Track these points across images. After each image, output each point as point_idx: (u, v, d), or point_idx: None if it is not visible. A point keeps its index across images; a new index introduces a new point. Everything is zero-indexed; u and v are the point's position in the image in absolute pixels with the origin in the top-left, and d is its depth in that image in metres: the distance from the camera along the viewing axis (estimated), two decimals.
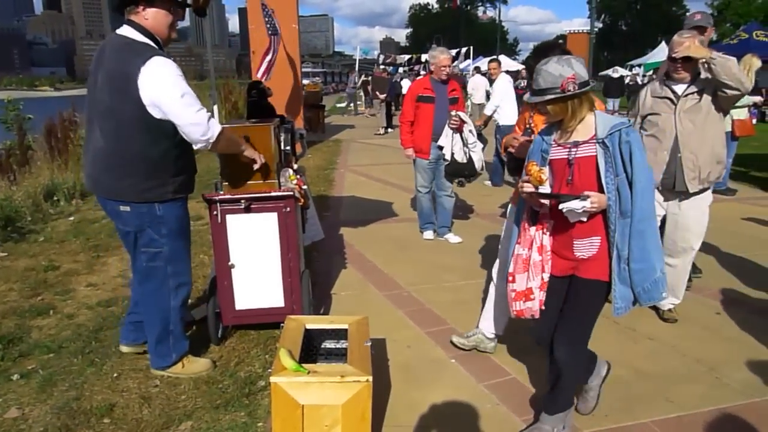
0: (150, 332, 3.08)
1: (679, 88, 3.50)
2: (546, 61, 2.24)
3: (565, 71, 2.18)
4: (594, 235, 2.31)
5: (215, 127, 2.80)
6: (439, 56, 5.39)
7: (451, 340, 3.46)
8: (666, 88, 3.55)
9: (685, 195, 3.58)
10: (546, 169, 2.34)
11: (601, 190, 2.23)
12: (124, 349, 3.32)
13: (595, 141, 2.26)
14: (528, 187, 2.29)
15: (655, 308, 3.81)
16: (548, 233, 2.40)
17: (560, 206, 2.22)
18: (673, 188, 3.57)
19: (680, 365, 3.28)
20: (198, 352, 3.32)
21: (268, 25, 9.50)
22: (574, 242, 2.35)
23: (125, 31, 2.78)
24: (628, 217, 2.21)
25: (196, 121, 2.72)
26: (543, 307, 2.46)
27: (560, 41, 3.76)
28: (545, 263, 2.42)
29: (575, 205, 2.18)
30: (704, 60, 3.29)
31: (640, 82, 22.76)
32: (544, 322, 2.48)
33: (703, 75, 3.42)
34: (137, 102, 2.67)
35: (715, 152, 3.49)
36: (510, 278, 2.50)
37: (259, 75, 9.12)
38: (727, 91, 3.28)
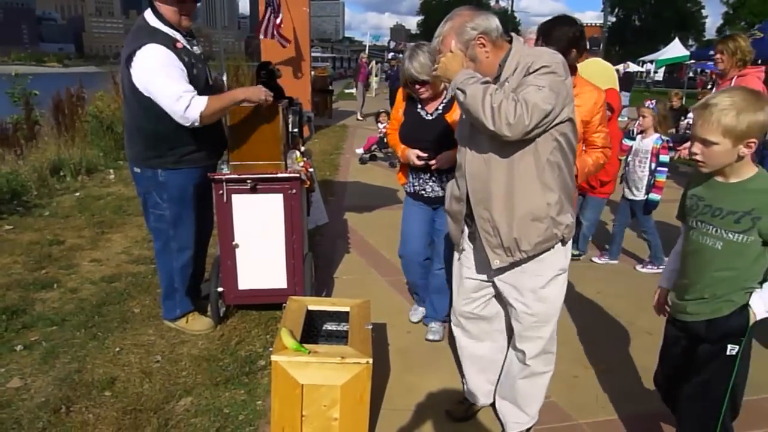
0: (161, 286, 3.44)
1: None
2: None
3: None
4: None
5: (194, 111, 2.93)
6: None
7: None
8: None
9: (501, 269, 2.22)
10: None
11: None
12: None
13: None
14: None
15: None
16: None
17: None
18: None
19: None
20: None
21: None
22: None
23: (146, 13, 3.04)
24: None
25: (174, 110, 2.91)
26: None
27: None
28: None
29: None
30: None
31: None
32: None
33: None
34: (131, 82, 2.96)
35: (527, 206, 2.07)
36: None
37: (262, 36, 9.31)
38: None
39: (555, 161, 2.05)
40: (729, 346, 1.94)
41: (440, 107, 3.09)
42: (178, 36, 3.03)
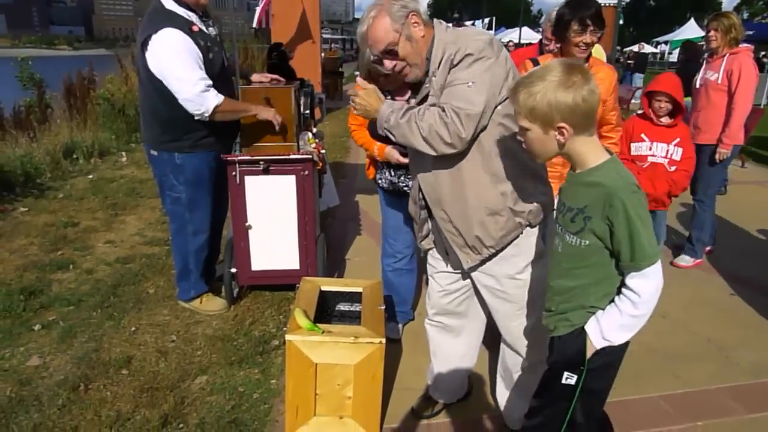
0: (176, 268, 3.48)
1: None
2: None
3: None
4: None
5: (209, 103, 2.94)
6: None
7: None
8: None
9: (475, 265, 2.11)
10: None
11: None
12: None
13: None
14: None
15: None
16: None
17: None
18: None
19: (690, 344, 3.29)
20: None
21: None
22: None
23: None
24: None
25: (188, 98, 2.92)
26: None
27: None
28: None
29: None
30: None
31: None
32: None
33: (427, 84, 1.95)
34: (147, 66, 2.94)
35: (480, 201, 1.95)
36: None
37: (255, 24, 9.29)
38: None
39: (503, 147, 1.89)
40: (565, 374, 1.61)
41: (414, 95, 2.30)
42: (194, 18, 2.99)
